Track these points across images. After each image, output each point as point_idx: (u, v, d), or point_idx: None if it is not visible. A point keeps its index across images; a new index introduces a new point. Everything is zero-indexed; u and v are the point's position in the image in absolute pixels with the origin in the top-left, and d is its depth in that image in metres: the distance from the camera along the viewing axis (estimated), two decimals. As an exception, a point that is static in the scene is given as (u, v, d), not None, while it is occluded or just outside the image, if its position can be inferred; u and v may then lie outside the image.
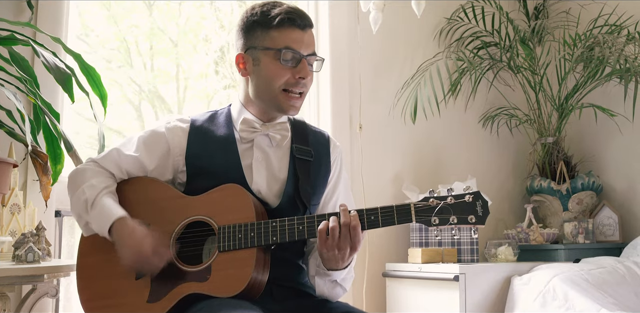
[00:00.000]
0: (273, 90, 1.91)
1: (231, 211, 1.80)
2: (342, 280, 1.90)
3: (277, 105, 1.92)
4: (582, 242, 3.54)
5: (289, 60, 1.90)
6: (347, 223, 1.71)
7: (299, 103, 1.94)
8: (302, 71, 1.90)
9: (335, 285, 1.90)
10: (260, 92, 1.94)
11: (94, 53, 3.24)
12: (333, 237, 1.71)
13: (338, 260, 1.77)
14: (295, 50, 1.89)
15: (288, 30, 1.90)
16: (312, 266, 1.92)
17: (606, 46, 3.55)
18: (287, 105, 1.92)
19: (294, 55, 1.90)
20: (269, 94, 1.92)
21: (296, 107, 1.94)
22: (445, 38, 3.95)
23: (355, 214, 1.72)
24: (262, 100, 1.94)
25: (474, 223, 1.69)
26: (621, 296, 2.96)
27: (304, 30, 1.92)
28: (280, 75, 1.90)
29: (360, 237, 1.72)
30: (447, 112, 3.81)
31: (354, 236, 1.71)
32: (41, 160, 2.18)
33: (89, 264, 1.89)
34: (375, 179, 3.57)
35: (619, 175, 3.78)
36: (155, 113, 3.43)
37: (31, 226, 2.42)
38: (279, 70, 1.90)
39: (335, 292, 1.91)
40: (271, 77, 1.90)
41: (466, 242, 3.33)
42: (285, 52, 1.88)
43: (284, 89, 1.91)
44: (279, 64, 1.89)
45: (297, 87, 1.91)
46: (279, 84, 1.90)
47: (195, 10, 3.61)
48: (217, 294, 1.71)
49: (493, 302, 3.11)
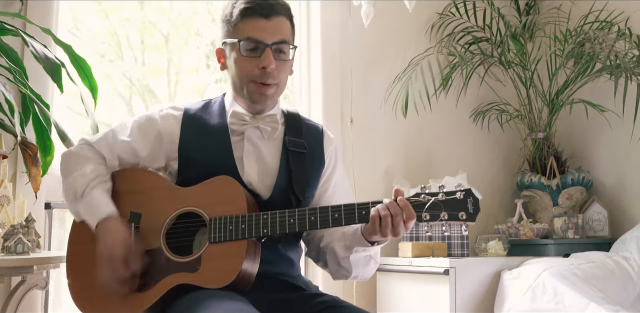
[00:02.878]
0: (241, 83, 1.90)
1: (222, 203, 1.80)
2: (375, 254, 1.91)
3: (249, 96, 1.91)
4: (572, 237, 3.55)
5: (252, 49, 1.86)
6: (398, 213, 1.69)
7: (269, 91, 1.90)
8: (264, 60, 1.85)
9: (369, 260, 1.90)
10: (234, 86, 1.94)
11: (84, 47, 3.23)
12: (386, 223, 1.69)
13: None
14: (257, 39, 1.86)
15: (250, 20, 1.87)
16: (340, 249, 1.89)
17: (597, 42, 3.56)
18: (257, 95, 1.90)
19: (257, 45, 1.86)
20: (240, 87, 1.91)
21: (266, 95, 1.90)
22: (437, 33, 3.96)
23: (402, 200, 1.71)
24: (239, 93, 1.94)
25: (464, 220, 1.69)
26: (610, 290, 2.97)
27: (268, 19, 1.87)
28: (243, 67, 1.88)
29: (402, 227, 1.70)
30: (438, 107, 3.81)
31: (396, 225, 1.69)
32: (31, 151, 2.17)
33: (79, 253, 1.88)
34: (366, 173, 3.57)
35: (608, 170, 3.79)
36: (146, 107, 3.42)
37: (20, 218, 2.41)
38: (242, 62, 1.88)
39: (370, 268, 1.93)
40: (237, 69, 1.89)
41: (456, 237, 3.34)
42: (244, 42, 1.86)
43: (252, 80, 1.88)
44: (241, 56, 1.87)
45: (262, 78, 1.87)
46: (244, 75, 1.88)
47: (186, 4, 3.60)
48: (206, 285, 1.71)
49: (483, 296, 3.12)
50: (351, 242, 1.85)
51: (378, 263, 1.96)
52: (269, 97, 1.92)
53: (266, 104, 1.94)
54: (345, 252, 1.88)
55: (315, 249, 2.01)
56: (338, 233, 1.92)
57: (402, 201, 1.70)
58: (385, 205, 1.70)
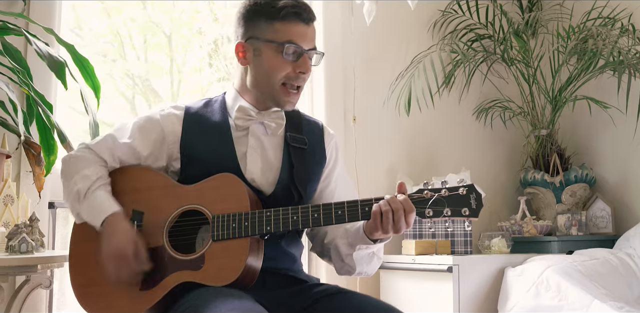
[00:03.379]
0: (272, 83, 1.91)
1: (225, 200, 1.80)
2: (378, 250, 1.92)
3: (274, 98, 1.93)
4: (575, 234, 3.55)
5: (291, 54, 1.89)
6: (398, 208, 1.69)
7: (295, 99, 1.95)
8: (303, 66, 1.90)
9: (372, 257, 1.91)
10: (259, 82, 1.94)
11: (87, 46, 3.23)
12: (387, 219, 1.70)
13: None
14: (298, 44, 1.89)
15: (292, 24, 1.89)
16: (343, 246, 1.90)
17: (600, 38, 3.55)
18: (284, 101, 1.93)
19: (296, 50, 1.89)
20: (268, 86, 1.92)
21: (293, 102, 1.95)
22: (439, 30, 3.95)
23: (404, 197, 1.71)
24: (260, 90, 1.94)
25: (467, 215, 1.69)
26: (614, 287, 2.97)
27: (308, 25, 1.92)
28: (281, 69, 1.90)
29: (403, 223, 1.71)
30: (441, 104, 3.81)
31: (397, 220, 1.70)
32: (34, 151, 2.18)
33: (82, 252, 1.89)
34: (369, 171, 3.58)
35: (612, 167, 3.79)
36: (149, 106, 3.42)
37: (24, 217, 2.42)
38: (281, 64, 1.89)
39: (373, 264, 1.94)
40: (272, 69, 1.90)
41: (460, 234, 3.33)
42: (288, 46, 1.88)
43: (283, 83, 1.91)
44: (280, 58, 1.89)
45: (296, 81, 1.91)
46: (279, 77, 1.90)
47: (189, 3, 3.60)
48: (210, 283, 1.71)
49: (486, 293, 3.12)
50: (354, 240, 1.85)
51: (381, 259, 1.97)
52: (294, 104, 1.97)
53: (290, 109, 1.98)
54: (348, 250, 1.89)
55: (319, 245, 2.01)
56: (341, 231, 1.93)
57: (402, 196, 1.71)
58: (387, 201, 1.70)
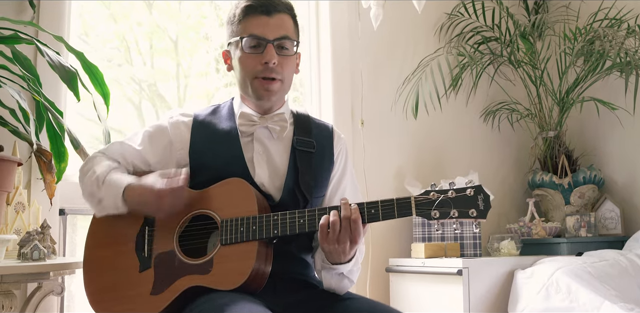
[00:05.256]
0: (246, 80, 1.93)
1: (234, 205, 1.81)
2: (349, 273, 1.89)
3: (254, 93, 1.94)
4: (585, 235, 3.54)
5: (254, 47, 1.90)
6: (347, 217, 1.70)
7: (274, 87, 1.93)
8: (266, 56, 1.89)
9: (342, 278, 1.89)
10: (240, 84, 1.97)
11: (94, 52, 3.24)
12: (334, 231, 1.71)
13: (340, 254, 1.76)
14: (258, 35, 1.89)
15: (251, 18, 1.91)
16: (318, 261, 1.92)
17: (606, 40, 3.55)
18: (261, 91, 1.92)
19: (259, 42, 1.90)
20: (245, 84, 1.94)
21: (270, 90, 1.93)
22: (446, 33, 3.96)
23: (355, 207, 1.72)
24: (245, 92, 1.97)
25: (475, 217, 1.68)
26: (624, 288, 2.96)
27: (270, 15, 1.91)
28: (247, 64, 1.91)
29: (361, 230, 1.72)
30: (449, 107, 3.82)
31: (354, 229, 1.70)
32: (45, 158, 2.19)
33: (95, 257, 1.90)
34: (377, 175, 3.58)
35: (620, 168, 3.78)
36: (155, 112, 3.43)
37: (36, 224, 2.43)
38: (246, 59, 1.91)
39: (343, 285, 1.91)
40: (241, 67, 1.93)
41: (469, 237, 3.33)
42: (246, 39, 1.89)
43: (256, 77, 1.91)
44: (244, 53, 1.91)
45: (266, 73, 1.90)
46: (249, 73, 1.91)
47: (195, 8, 3.61)
48: (218, 287, 1.72)
49: (496, 295, 3.12)
50: (323, 257, 1.86)
51: (353, 282, 1.94)
52: (273, 93, 1.94)
53: (272, 100, 1.96)
54: (319, 265, 1.91)
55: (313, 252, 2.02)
56: None
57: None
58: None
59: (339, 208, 1.73)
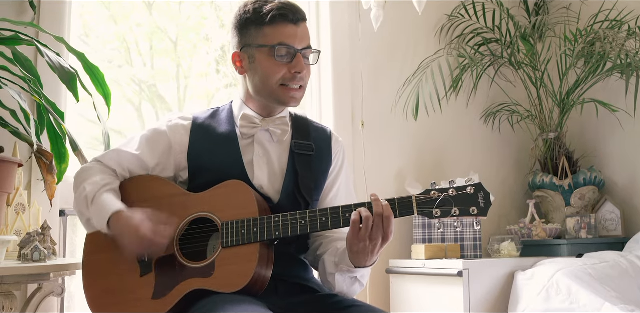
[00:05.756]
0: (271, 86, 1.92)
1: (234, 207, 1.81)
2: (362, 277, 1.89)
3: (277, 99, 1.94)
4: (585, 237, 3.54)
5: (284, 56, 1.91)
6: (380, 213, 1.70)
7: (298, 95, 1.95)
8: (297, 66, 1.91)
9: (354, 282, 1.89)
10: (259, 88, 1.95)
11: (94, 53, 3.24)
12: (367, 227, 1.70)
13: (368, 253, 1.75)
14: (290, 45, 1.90)
15: (281, 26, 1.91)
16: (329, 264, 1.90)
17: (607, 41, 3.55)
18: (287, 98, 1.93)
19: (288, 51, 1.90)
20: (268, 90, 1.93)
21: (296, 98, 1.95)
22: (447, 35, 3.96)
23: (387, 204, 1.71)
24: (262, 96, 1.95)
25: (476, 215, 1.68)
26: (624, 290, 2.96)
27: (297, 25, 1.93)
28: (276, 72, 1.91)
29: (393, 228, 1.71)
30: (449, 109, 3.82)
31: (387, 226, 1.70)
32: (46, 159, 2.18)
33: (95, 262, 1.90)
34: (377, 176, 3.58)
35: (621, 170, 3.78)
36: (155, 113, 3.43)
37: (36, 225, 2.43)
38: (275, 67, 1.91)
39: (354, 289, 1.91)
40: (268, 73, 1.91)
41: (469, 238, 3.33)
42: (279, 48, 1.89)
43: (282, 84, 1.92)
44: (274, 61, 1.90)
45: (294, 81, 1.92)
46: (276, 80, 1.91)
47: (195, 9, 3.61)
48: (220, 290, 1.72)
49: (497, 297, 3.12)
50: (340, 260, 1.85)
51: (364, 286, 1.94)
52: (296, 100, 1.96)
53: (292, 106, 1.99)
54: (332, 269, 1.89)
55: (312, 254, 2.01)
56: (332, 248, 1.93)
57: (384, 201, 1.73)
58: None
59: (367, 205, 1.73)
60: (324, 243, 1.97)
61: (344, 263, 1.83)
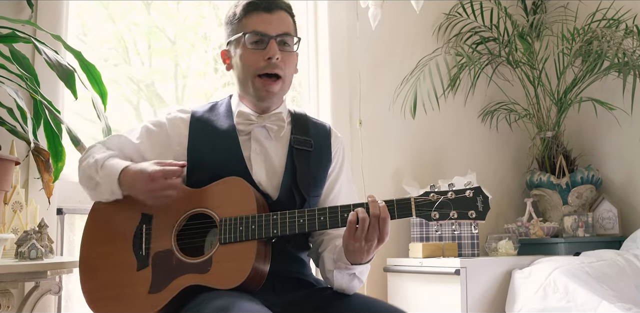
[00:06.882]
0: (248, 77, 1.92)
1: (233, 204, 1.81)
2: (360, 273, 1.89)
3: (254, 93, 1.93)
4: (582, 235, 3.55)
5: (257, 42, 1.90)
6: (376, 215, 1.70)
7: (275, 87, 1.93)
8: (269, 51, 1.89)
9: (353, 278, 1.89)
10: (241, 83, 1.96)
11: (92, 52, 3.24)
12: (362, 228, 1.70)
13: (364, 252, 1.75)
14: (261, 32, 1.90)
15: (253, 15, 1.91)
16: (328, 261, 1.90)
17: (604, 40, 3.55)
18: (262, 91, 1.92)
19: (261, 38, 1.90)
20: (247, 83, 1.93)
21: (272, 91, 1.93)
22: (444, 33, 3.96)
23: (384, 206, 1.71)
24: (245, 91, 1.96)
25: (474, 218, 1.69)
26: (621, 288, 2.97)
27: (271, 12, 1.92)
28: (250, 60, 1.91)
29: (389, 229, 1.71)
30: (447, 107, 3.82)
31: (382, 227, 1.70)
32: (43, 157, 2.18)
33: (92, 256, 1.89)
34: (375, 174, 3.58)
35: (618, 168, 3.79)
36: (154, 112, 3.42)
37: (33, 223, 2.43)
38: (249, 56, 1.91)
39: (353, 285, 1.90)
40: (243, 64, 1.92)
41: (467, 237, 3.34)
42: (249, 35, 1.90)
43: (259, 75, 1.91)
44: (247, 49, 1.91)
45: (268, 69, 1.90)
46: (251, 69, 1.91)
47: (193, 8, 3.61)
48: (217, 286, 1.72)
49: (494, 295, 3.12)
50: (338, 256, 1.85)
51: (362, 282, 1.94)
52: (274, 94, 1.94)
53: (272, 101, 1.97)
54: (331, 265, 1.89)
55: (315, 252, 2.01)
56: (331, 245, 1.93)
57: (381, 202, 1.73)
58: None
59: (365, 206, 1.73)
60: (325, 241, 1.97)
61: (341, 260, 1.83)
